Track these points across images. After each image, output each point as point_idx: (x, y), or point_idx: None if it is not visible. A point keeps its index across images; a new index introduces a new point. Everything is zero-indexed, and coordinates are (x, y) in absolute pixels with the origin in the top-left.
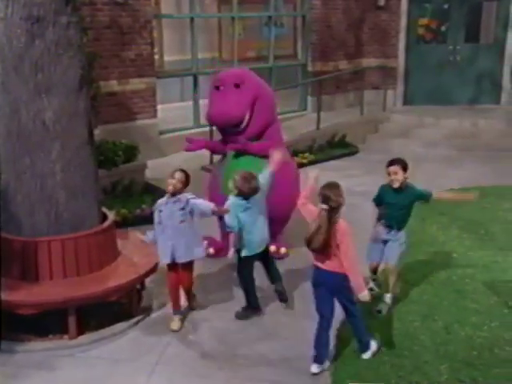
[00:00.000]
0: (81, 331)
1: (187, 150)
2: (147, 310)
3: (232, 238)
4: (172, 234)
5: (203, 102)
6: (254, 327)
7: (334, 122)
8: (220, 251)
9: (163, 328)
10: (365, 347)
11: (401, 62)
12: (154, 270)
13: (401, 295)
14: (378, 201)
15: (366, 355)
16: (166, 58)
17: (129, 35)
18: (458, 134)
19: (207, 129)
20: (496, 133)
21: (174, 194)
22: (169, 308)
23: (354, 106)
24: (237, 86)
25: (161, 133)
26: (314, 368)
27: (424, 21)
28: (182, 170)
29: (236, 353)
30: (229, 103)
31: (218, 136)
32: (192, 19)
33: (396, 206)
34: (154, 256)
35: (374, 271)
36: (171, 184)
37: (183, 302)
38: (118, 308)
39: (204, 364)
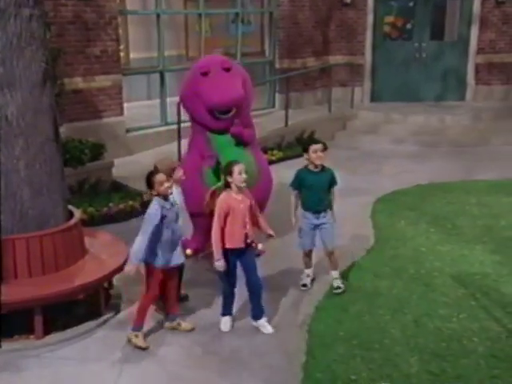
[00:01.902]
0: (47, 331)
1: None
2: (115, 309)
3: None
4: (178, 237)
5: (170, 100)
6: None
7: (303, 119)
8: (197, 250)
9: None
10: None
11: (368, 59)
12: (121, 268)
13: (370, 289)
14: (297, 185)
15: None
16: (132, 56)
17: (93, 31)
18: (424, 131)
19: (174, 127)
20: (462, 129)
21: (167, 197)
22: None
23: (322, 104)
24: (227, 69)
25: (128, 131)
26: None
27: (390, 18)
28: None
29: (208, 350)
30: (233, 84)
31: (185, 134)
32: (158, 16)
33: (320, 188)
34: (121, 254)
35: (308, 256)
36: (170, 187)
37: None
38: (86, 307)
39: (174, 362)
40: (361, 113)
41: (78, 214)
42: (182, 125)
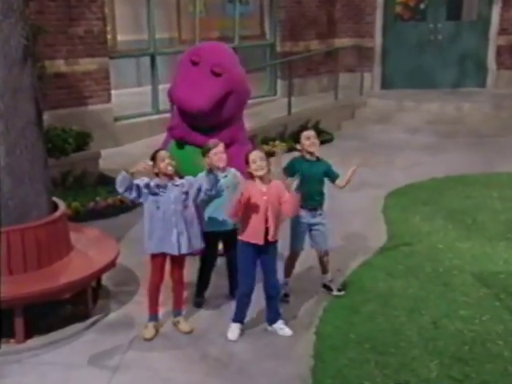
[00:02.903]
0: (30, 334)
1: None
2: (104, 310)
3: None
4: (176, 222)
5: (163, 87)
6: (224, 324)
7: (307, 108)
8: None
9: (123, 329)
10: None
11: (377, 41)
12: (111, 265)
13: (384, 289)
14: (290, 173)
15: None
16: (120, 38)
17: (77, 9)
18: (440, 119)
19: (168, 115)
20: (482, 117)
21: (171, 177)
22: (129, 308)
23: (328, 91)
24: (216, 74)
25: (116, 119)
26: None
27: None
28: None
29: (207, 354)
30: (203, 91)
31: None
32: None
33: (314, 179)
34: (111, 251)
35: (294, 261)
36: (170, 165)
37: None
38: (72, 308)
39: (168, 368)
40: (370, 100)
41: (62, 205)
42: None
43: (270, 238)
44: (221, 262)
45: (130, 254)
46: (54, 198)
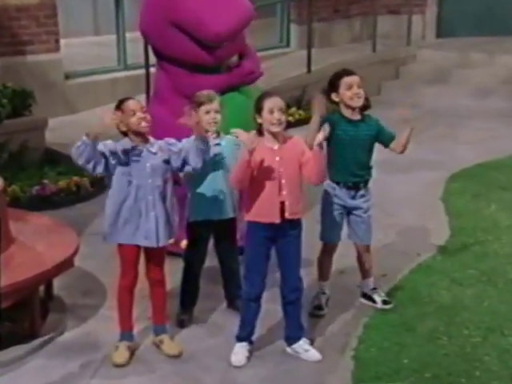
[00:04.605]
0: None
1: None
2: (58, 328)
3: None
4: (154, 202)
5: (131, 36)
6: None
7: (333, 63)
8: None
9: (84, 352)
10: None
11: None
12: (67, 264)
13: (447, 301)
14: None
15: None
16: None
17: None
18: None
19: (139, 72)
20: None
21: (144, 138)
22: (92, 324)
23: (362, 40)
24: None
25: (67, 76)
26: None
27: None
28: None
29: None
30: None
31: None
32: None
33: (357, 147)
34: (68, 245)
35: (329, 257)
36: (144, 119)
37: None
38: (13, 325)
39: None
40: (422, 53)
41: (0, 181)
42: (152, 69)
43: (287, 213)
44: (211, 262)
45: (92, 254)
46: None
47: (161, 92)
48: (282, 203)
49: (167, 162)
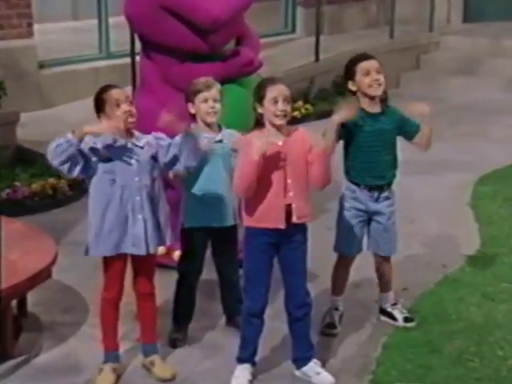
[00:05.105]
0: None
1: None
2: (33, 349)
3: None
4: (142, 204)
5: (115, 21)
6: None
7: (344, 52)
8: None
9: (63, 376)
10: None
11: None
12: (44, 275)
13: (478, 318)
14: (341, 132)
15: None
16: None
17: None
18: None
19: (123, 60)
20: None
21: (129, 133)
22: (73, 344)
23: (378, 25)
24: None
25: (42, 65)
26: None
27: None
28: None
29: None
30: None
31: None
32: None
33: (380, 143)
34: (44, 253)
35: (346, 269)
36: (130, 113)
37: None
38: None
39: None
40: (447, 40)
41: None
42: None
43: (294, 217)
44: (208, 275)
45: (72, 266)
46: None
47: (148, 83)
48: (288, 205)
49: (155, 158)
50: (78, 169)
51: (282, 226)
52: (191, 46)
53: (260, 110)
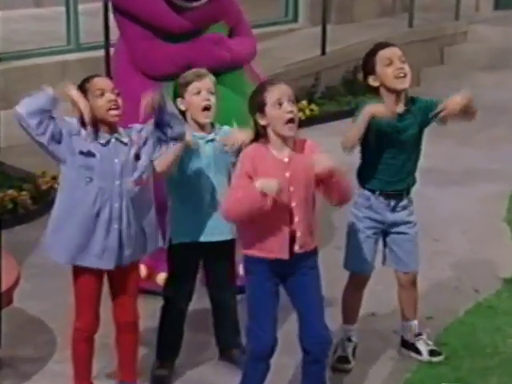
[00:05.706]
0: None
1: None
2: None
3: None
4: (121, 211)
5: (85, 8)
6: None
7: (355, 44)
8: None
9: None
10: None
11: None
12: (3, 301)
13: None
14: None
15: None
16: None
17: None
18: None
19: (96, 53)
20: None
21: (111, 127)
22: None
23: (394, 13)
24: None
25: (1, 58)
26: None
27: None
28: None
29: None
30: None
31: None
32: None
33: (403, 144)
34: (6, 272)
35: (359, 291)
36: (114, 102)
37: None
38: None
39: None
40: (475, 29)
41: None
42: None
43: (296, 247)
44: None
45: (36, 292)
46: None
47: (118, 73)
48: (292, 232)
49: (138, 156)
50: (48, 131)
51: (285, 256)
52: (162, 23)
53: (263, 122)
